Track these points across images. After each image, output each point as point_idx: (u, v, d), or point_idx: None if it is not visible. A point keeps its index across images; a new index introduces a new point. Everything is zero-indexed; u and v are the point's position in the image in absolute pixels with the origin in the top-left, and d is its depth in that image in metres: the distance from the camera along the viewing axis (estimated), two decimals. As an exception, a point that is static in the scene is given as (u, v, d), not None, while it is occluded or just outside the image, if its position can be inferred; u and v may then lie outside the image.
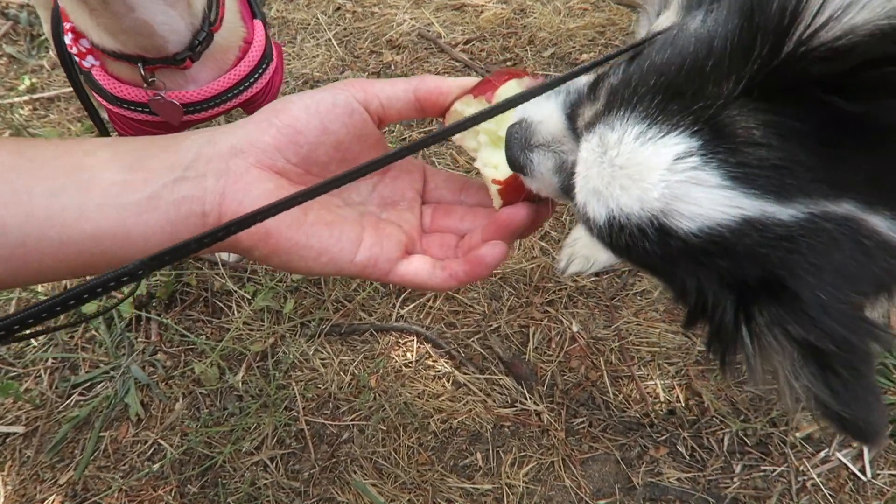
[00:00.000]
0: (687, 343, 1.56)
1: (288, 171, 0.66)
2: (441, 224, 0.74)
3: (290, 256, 0.65)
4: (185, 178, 0.63)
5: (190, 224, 0.63)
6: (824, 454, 1.39)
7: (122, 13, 1.06)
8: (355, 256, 0.67)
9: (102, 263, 0.62)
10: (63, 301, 0.49)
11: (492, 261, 0.66)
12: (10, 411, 1.58)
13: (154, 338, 1.66)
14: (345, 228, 0.67)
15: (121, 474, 1.47)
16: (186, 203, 0.62)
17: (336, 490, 1.42)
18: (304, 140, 0.66)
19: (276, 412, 1.52)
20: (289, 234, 0.64)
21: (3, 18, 2.53)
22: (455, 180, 0.77)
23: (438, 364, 1.57)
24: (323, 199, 0.67)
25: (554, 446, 1.44)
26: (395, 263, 0.68)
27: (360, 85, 0.68)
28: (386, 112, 0.70)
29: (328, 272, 0.67)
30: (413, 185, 0.75)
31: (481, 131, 0.71)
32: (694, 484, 1.38)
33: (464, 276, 0.67)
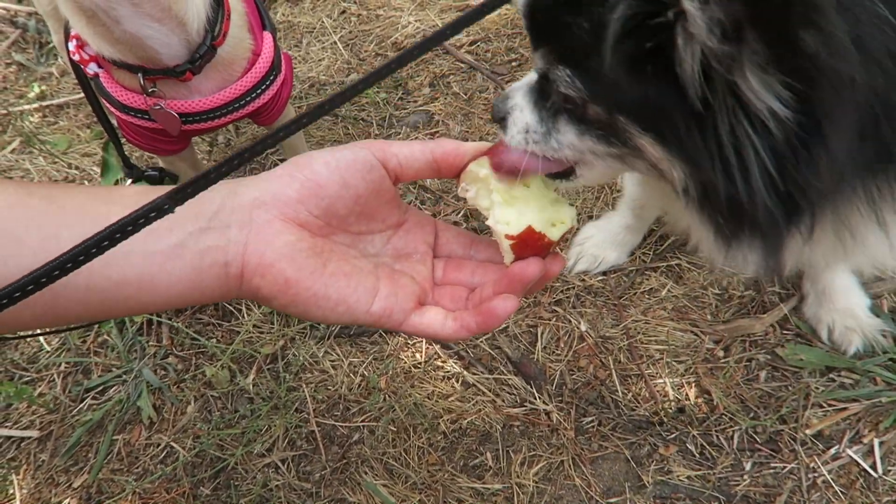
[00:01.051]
0: (696, 341, 1.56)
1: (309, 223, 0.68)
2: (452, 277, 0.77)
3: (309, 306, 0.67)
4: (210, 229, 0.65)
5: (213, 274, 0.65)
6: (835, 451, 1.39)
7: (110, 25, 1.08)
8: (371, 307, 0.69)
9: (123, 308, 0.64)
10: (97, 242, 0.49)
11: (503, 313, 0.68)
12: (25, 416, 1.60)
13: (165, 341, 1.67)
14: (361, 279, 0.70)
15: (134, 477, 1.49)
16: (211, 253, 0.65)
17: (347, 491, 1.43)
18: (326, 193, 0.69)
19: (286, 414, 1.53)
20: (308, 284, 0.66)
21: (12, 27, 2.55)
22: (465, 236, 0.80)
23: (447, 365, 1.58)
24: (341, 251, 0.71)
25: (563, 445, 1.44)
26: (409, 314, 0.71)
27: (378, 145, 0.72)
28: (403, 170, 0.74)
29: (344, 321, 0.69)
30: (425, 239, 0.78)
31: (494, 191, 0.74)
32: (704, 482, 1.38)
33: (475, 327, 0.69)
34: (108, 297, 0.62)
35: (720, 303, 1.61)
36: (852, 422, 1.42)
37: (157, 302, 0.65)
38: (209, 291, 0.66)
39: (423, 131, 2.02)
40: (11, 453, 1.55)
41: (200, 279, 0.65)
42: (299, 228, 0.68)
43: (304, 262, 0.66)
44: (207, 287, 0.66)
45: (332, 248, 0.71)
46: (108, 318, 0.68)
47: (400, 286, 0.72)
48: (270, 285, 0.66)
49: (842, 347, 1.49)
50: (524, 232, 0.72)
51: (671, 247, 1.72)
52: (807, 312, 1.56)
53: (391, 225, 0.77)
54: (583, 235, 1.72)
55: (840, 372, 1.48)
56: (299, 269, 0.66)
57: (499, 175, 0.74)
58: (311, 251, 0.67)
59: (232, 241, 0.65)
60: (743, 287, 1.63)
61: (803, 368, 1.49)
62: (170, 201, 0.52)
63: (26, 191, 0.62)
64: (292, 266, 0.66)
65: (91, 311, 0.63)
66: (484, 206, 0.76)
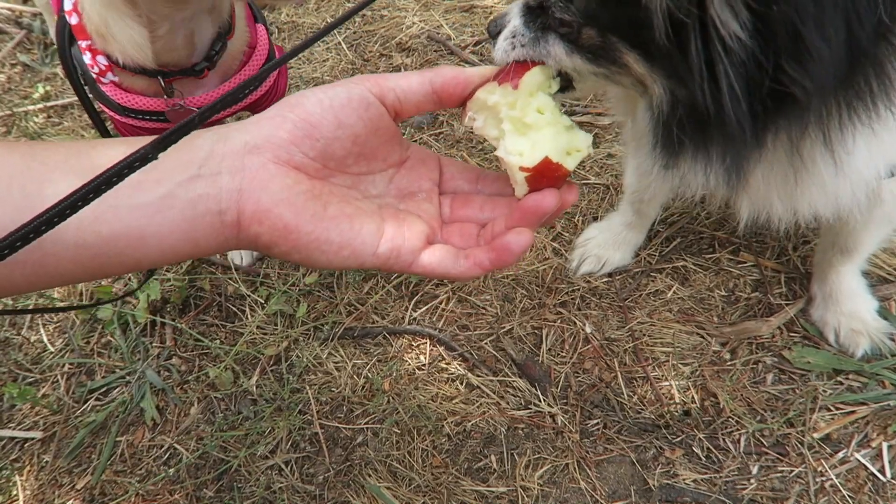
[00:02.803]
0: (702, 343, 1.55)
1: (305, 165, 0.65)
2: (461, 214, 0.73)
3: (311, 252, 0.64)
4: (199, 177, 0.62)
5: (206, 223, 0.62)
6: (843, 455, 1.37)
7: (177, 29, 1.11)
8: (377, 248, 0.66)
9: (117, 265, 0.62)
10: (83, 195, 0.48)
11: (518, 248, 0.64)
12: (28, 417, 1.60)
13: (169, 342, 1.67)
14: (365, 221, 0.66)
15: (137, 479, 1.48)
16: (202, 201, 0.62)
17: (351, 493, 1.42)
18: (320, 134, 0.65)
19: (290, 416, 1.52)
20: (309, 229, 0.63)
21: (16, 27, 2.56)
22: (471, 170, 0.76)
23: (451, 366, 1.57)
24: (341, 193, 0.68)
25: (568, 448, 1.43)
26: (418, 254, 0.67)
27: (374, 79, 0.68)
28: (403, 105, 0.70)
29: (350, 265, 0.66)
30: (429, 176, 0.75)
31: (505, 118, 0.70)
32: (710, 485, 1.37)
33: (489, 263, 0.66)
34: (99, 252, 0.60)
35: (726, 305, 1.60)
36: (860, 425, 1.41)
37: (150, 256, 0.62)
38: (204, 242, 0.63)
39: (428, 132, 2.02)
40: (15, 454, 1.54)
41: (193, 229, 0.62)
42: (295, 171, 0.64)
43: (304, 205, 0.63)
44: (202, 237, 0.63)
45: (332, 190, 0.67)
46: (102, 276, 0.65)
47: (407, 225, 0.68)
48: (269, 232, 0.63)
49: (849, 350, 1.48)
50: (540, 164, 0.68)
51: (677, 248, 1.71)
52: (813, 315, 1.55)
53: (393, 163, 0.74)
54: (585, 237, 1.71)
55: (848, 375, 1.47)
56: (298, 214, 0.63)
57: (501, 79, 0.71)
58: (309, 194, 0.64)
59: (224, 189, 0.62)
60: (750, 289, 1.62)
61: (810, 371, 1.48)
62: (154, 150, 0.51)
63: (7, 148, 0.60)
64: (291, 210, 0.62)
65: (84, 269, 0.61)
66: (493, 135, 0.72)
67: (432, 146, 1.97)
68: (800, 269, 1.63)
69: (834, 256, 1.45)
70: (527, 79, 0.73)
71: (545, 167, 0.68)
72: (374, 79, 0.68)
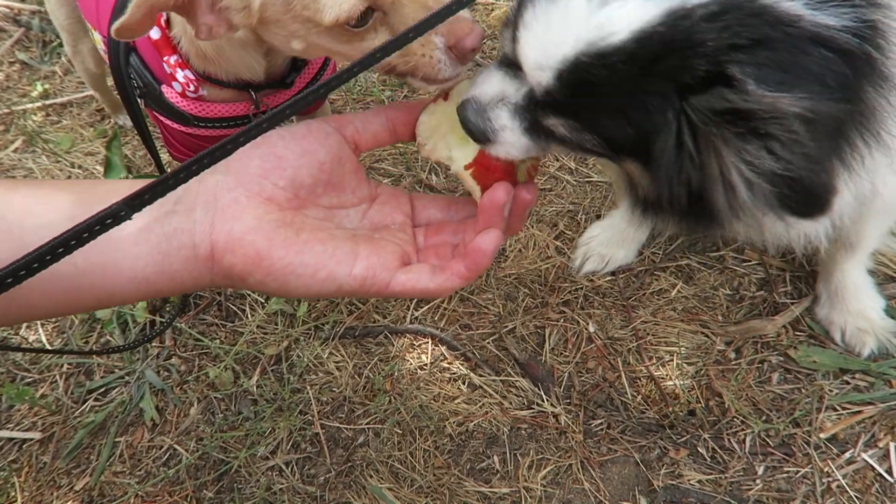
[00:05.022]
0: (707, 342, 1.53)
1: (276, 196, 0.67)
2: (434, 240, 0.75)
3: (287, 278, 0.65)
4: (174, 212, 0.64)
5: (181, 256, 0.64)
6: (849, 455, 1.36)
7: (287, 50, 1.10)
8: (353, 269, 0.67)
9: (91, 298, 0.63)
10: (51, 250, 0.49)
11: (488, 247, 0.65)
12: (27, 417, 1.58)
13: (168, 342, 1.65)
14: (339, 244, 0.68)
15: (137, 480, 1.47)
16: (177, 235, 0.63)
17: (352, 494, 1.41)
18: (287, 163, 0.68)
19: (290, 416, 1.51)
20: (281, 254, 0.64)
21: (15, 25, 2.54)
22: (441, 199, 0.79)
23: (454, 366, 1.56)
24: (314, 223, 0.70)
25: (572, 448, 1.42)
26: (394, 273, 0.68)
27: (334, 117, 0.73)
28: (361, 136, 0.74)
29: (327, 289, 0.67)
30: (402, 209, 0.78)
31: (448, 133, 0.74)
32: (715, 486, 1.35)
33: (466, 271, 0.67)
34: (72, 285, 0.60)
35: (731, 303, 1.59)
36: (867, 425, 1.39)
37: (124, 290, 0.63)
38: (179, 277, 0.64)
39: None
40: (13, 455, 1.53)
41: (168, 263, 0.63)
42: (267, 202, 0.67)
43: (275, 232, 0.65)
44: (177, 272, 0.64)
45: (304, 220, 0.69)
46: (75, 310, 0.66)
47: (381, 247, 0.70)
48: (242, 261, 0.64)
49: (855, 349, 1.47)
50: (478, 156, 0.71)
51: (681, 247, 1.69)
52: (819, 314, 1.53)
53: (363, 198, 0.76)
54: (588, 235, 1.69)
55: (854, 374, 1.45)
56: (270, 240, 0.64)
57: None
58: (280, 222, 0.66)
59: (198, 223, 0.64)
60: (755, 287, 1.60)
61: (816, 371, 1.47)
62: (126, 207, 0.51)
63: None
64: (262, 237, 0.64)
65: (56, 302, 0.61)
66: (445, 156, 0.74)
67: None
68: (805, 267, 1.61)
69: (838, 252, 1.44)
70: (458, 89, 0.75)
71: (484, 158, 0.72)
72: (333, 117, 0.73)
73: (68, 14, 1.65)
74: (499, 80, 0.77)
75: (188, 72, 1.18)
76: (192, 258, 0.64)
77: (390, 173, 1.93)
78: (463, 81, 0.78)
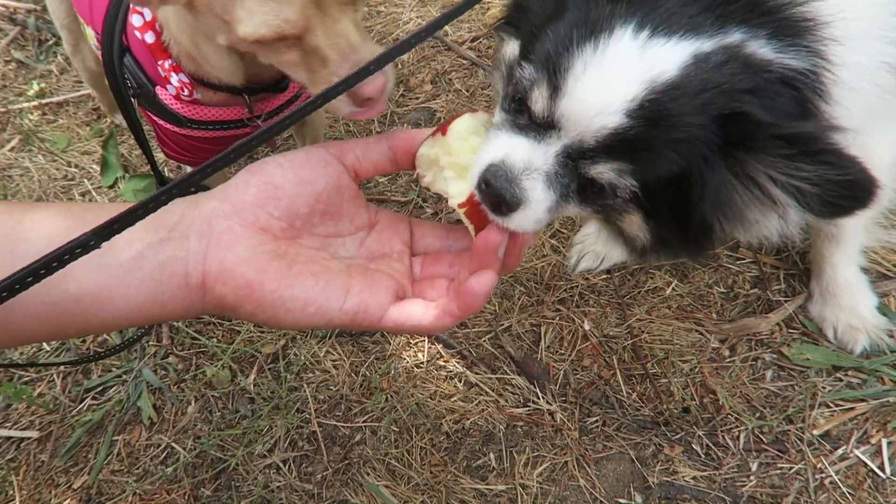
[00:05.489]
0: (701, 340, 1.54)
1: (271, 226, 0.68)
2: (430, 271, 0.74)
3: (276, 310, 0.65)
4: (168, 239, 0.64)
5: (174, 285, 0.64)
6: (842, 451, 1.37)
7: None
8: (344, 304, 0.67)
9: (82, 324, 0.63)
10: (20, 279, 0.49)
11: (481, 290, 0.65)
12: (24, 416, 1.59)
13: (165, 341, 1.66)
14: (331, 278, 0.68)
15: (134, 478, 1.48)
16: (170, 264, 0.64)
17: (349, 492, 1.42)
18: (283, 193, 0.68)
19: (288, 414, 1.52)
20: (272, 287, 0.64)
21: (11, 24, 2.54)
22: (440, 228, 0.78)
23: (450, 364, 1.57)
24: (308, 253, 0.70)
25: (567, 446, 1.43)
26: (386, 308, 0.68)
27: (334, 144, 0.72)
28: (361, 164, 0.73)
29: (317, 323, 0.67)
30: (400, 237, 0.77)
31: (446, 166, 0.73)
32: (710, 482, 1.37)
33: (457, 311, 0.66)
34: (64, 311, 0.60)
35: (725, 301, 1.60)
36: (860, 422, 1.41)
37: (116, 317, 0.63)
38: (171, 305, 0.65)
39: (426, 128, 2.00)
40: (11, 454, 1.54)
41: (161, 291, 0.64)
42: (261, 232, 0.67)
43: (267, 264, 0.65)
44: (169, 300, 0.64)
45: (299, 250, 0.69)
46: (66, 335, 0.67)
47: (374, 281, 0.69)
48: (233, 292, 0.64)
49: (847, 347, 1.48)
50: (472, 196, 0.70)
51: (676, 245, 1.70)
52: (812, 311, 1.54)
53: (361, 226, 0.75)
54: (583, 233, 1.70)
55: (847, 371, 1.46)
56: (262, 272, 0.64)
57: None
58: (273, 254, 0.66)
59: (192, 252, 0.64)
60: (749, 285, 1.61)
61: (810, 368, 1.48)
62: (96, 237, 0.51)
63: None
64: (254, 269, 0.64)
65: (48, 328, 0.62)
66: (444, 189, 0.74)
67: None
68: (799, 265, 1.62)
69: (823, 245, 1.45)
70: (455, 125, 0.75)
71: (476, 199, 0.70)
72: (333, 143, 0.72)
73: (68, 12, 1.64)
74: (525, 146, 0.75)
75: (182, 76, 1.19)
76: (184, 286, 0.64)
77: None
78: (461, 116, 0.77)
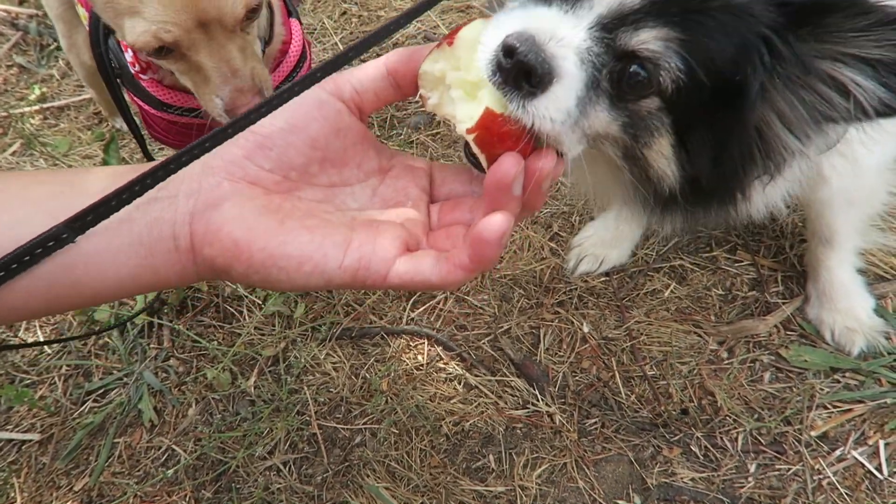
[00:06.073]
0: (699, 342, 1.55)
1: (262, 178, 0.62)
2: (449, 218, 0.66)
3: (269, 271, 0.59)
4: (157, 199, 0.60)
5: (163, 249, 0.60)
6: (840, 453, 1.38)
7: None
8: (343, 261, 0.59)
9: (75, 296, 0.60)
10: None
11: (491, 236, 0.55)
12: (26, 419, 1.59)
13: (166, 344, 1.66)
14: (329, 233, 0.60)
15: (135, 480, 1.48)
16: (158, 225, 0.59)
17: (349, 494, 1.42)
18: (272, 143, 0.62)
19: (288, 416, 1.52)
20: (262, 245, 0.58)
21: (13, 29, 2.55)
22: (465, 171, 0.69)
23: (449, 366, 1.57)
24: (308, 206, 0.63)
25: (566, 447, 1.44)
26: (392, 264, 0.60)
27: (328, 79, 0.64)
28: (362, 97, 0.65)
29: (315, 283, 0.60)
30: (417, 183, 0.68)
31: (453, 85, 0.63)
32: (708, 484, 1.37)
33: (469, 262, 0.57)
34: (55, 282, 0.57)
35: (724, 304, 1.60)
36: (857, 423, 1.41)
37: (108, 287, 0.59)
38: (163, 271, 0.60)
39: (425, 132, 2.02)
40: (12, 456, 1.54)
41: (151, 256, 0.59)
42: (251, 187, 0.61)
43: (256, 220, 0.59)
44: (160, 266, 0.60)
45: (296, 204, 0.62)
46: (58, 310, 0.63)
47: (380, 233, 0.61)
48: (221, 253, 0.59)
49: (845, 348, 1.48)
50: (483, 117, 0.60)
51: (674, 247, 1.71)
52: (809, 313, 1.55)
53: (371, 172, 0.67)
54: (582, 235, 1.71)
55: (845, 373, 1.47)
56: (250, 230, 0.58)
57: None
58: (264, 209, 0.60)
59: (179, 213, 0.60)
60: (747, 287, 1.62)
61: (808, 370, 1.48)
62: (68, 230, 0.49)
63: None
64: (241, 227, 0.59)
65: (39, 303, 0.59)
66: (451, 112, 0.64)
67: (429, 147, 1.97)
68: (797, 267, 1.63)
69: (817, 248, 1.46)
70: (464, 33, 0.64)
71: (489, 121, 0.60)
72: (327, 80, 0.63)
73: (62, 1, 1.65)
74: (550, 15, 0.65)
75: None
76: (174, 250, 0.60)
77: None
78: (472, 23, 0.65)
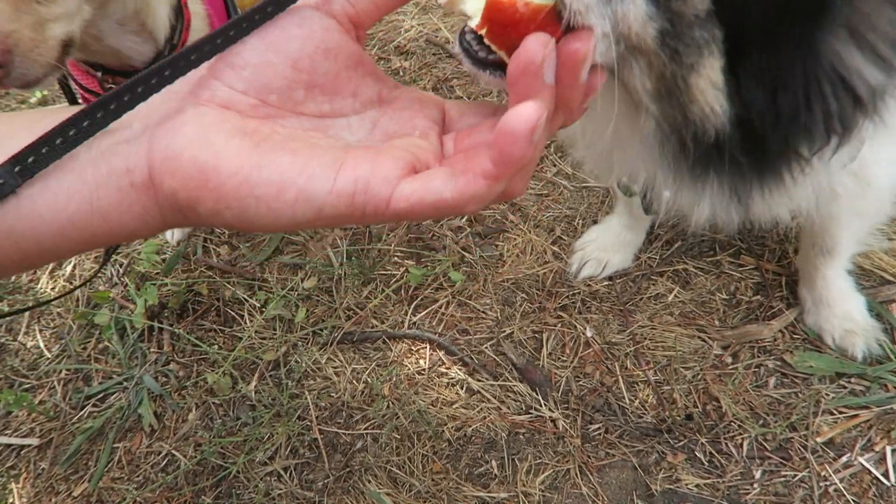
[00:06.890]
0: (703, 347, 1.54)
1: (235, 101, 0.51)
2: (467, 142, 0.55)
3: (245, 202, 0.48)
4: (108, 131, 0.50)
5: (115, 187, 0.49)
6: (846, 459, 1.36)
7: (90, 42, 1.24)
8: (335, 183, 0.48)
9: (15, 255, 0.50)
10: None
11: (521, 126, 0.44)
12: (25, 423, 1.58)
13: (166, 348, 1.65)
14: (316, 154, 0.50)
15: (135, 485, 1.47)
16: (107, 159, 0.49)
17: (350, 500, 1.41)
18: (244, 61, 0.52)
19: (289, 421, 1.51)
20: (232, 168, 0.48)
21: (13, 32, 2.55)
22: (487, 106, 0.58)
23: (452, 371, 1.56)
24: (291, 132, 0.53)
25: (570, 453, 1.42)
26: (396, 184, 0.48)
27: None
28: (357, 7, 0.55)
29: (303, 215, 0.48)
30: (427, 114, 0.57)
31: None
32: (713, 490, 1.36)
33: (492, 166, 0.46)
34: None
35: (728, 308, 1.59)
36: (864, 429, 1.40)
37: (49, 238, 0.49)
38: (116, 215, 0.49)
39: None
40: (11, 461, 1.53)
41: (99, 197, 0.48)
42: (220, 109, 0.51)
43: (225, 143, 0.49)
44: (112, 209, 0.49)
45: (275, 129, 0.52)
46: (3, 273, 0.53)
47: (380, 152, 0.51)
48: (184, 184, 0.48)
49: (847, 352, 1.47)
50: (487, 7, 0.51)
51: (677, 251, 1.70)
52: (808, 321, 1.54)
53: (370, 102, 0.57)
54: (584, 239, 1.70)
55: (850, 378, 1.46)
56: (217, 154, 0.48)
57: None
58: (235, 131, 0.50)
59: (134, 140, 0.50)
60: (751, 292, 1.61)
61: (813, 375, 1.47)
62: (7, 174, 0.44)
63: None
64: (207, 150, 0.48)
65: None
66: (462, 8, 0.55)
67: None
68: (801, 271, 1.62)
69: (817, 258, 1.45)
70: None
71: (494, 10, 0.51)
72: None
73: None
74: None
75: None
76: (128, 187, 0.49)
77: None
78: None
